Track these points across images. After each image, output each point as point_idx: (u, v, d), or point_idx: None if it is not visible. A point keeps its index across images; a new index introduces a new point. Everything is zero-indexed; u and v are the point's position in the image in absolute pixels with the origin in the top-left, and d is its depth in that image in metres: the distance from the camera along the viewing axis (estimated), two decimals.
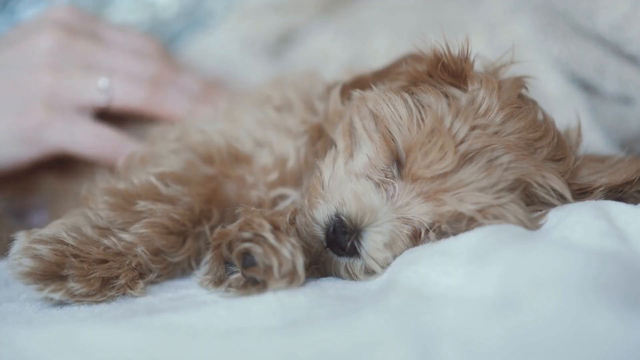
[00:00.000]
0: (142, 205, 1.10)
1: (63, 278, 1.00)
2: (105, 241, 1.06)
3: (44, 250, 0.99)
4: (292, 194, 1.20)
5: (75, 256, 1.01)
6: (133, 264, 1.06)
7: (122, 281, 1.03)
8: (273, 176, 1.20)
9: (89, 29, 1.45)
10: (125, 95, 1.39)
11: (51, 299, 1.00)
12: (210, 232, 1.14)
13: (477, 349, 0.74)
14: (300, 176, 1.20)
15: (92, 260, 1.02)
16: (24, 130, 1.35)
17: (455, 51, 1.07)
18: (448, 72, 1.07)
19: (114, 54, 1.43)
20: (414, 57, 1.15)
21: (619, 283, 0.79)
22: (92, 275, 1.01)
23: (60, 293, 0.99)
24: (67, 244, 1.02)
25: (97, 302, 1.01)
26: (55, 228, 1.05)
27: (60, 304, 1.00)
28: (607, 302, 0.75)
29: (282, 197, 1.20)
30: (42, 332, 0.83)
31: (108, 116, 1.44)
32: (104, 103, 1.38)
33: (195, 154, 1.21)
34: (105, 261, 1.03)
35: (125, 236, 1.07)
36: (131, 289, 1.04)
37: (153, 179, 1.14)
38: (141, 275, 1.08)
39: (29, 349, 0.80)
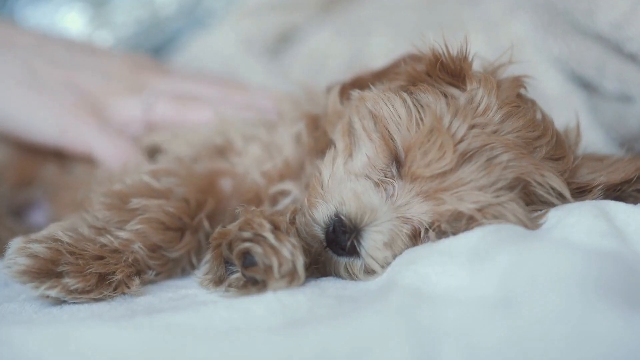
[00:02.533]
0: (135, 202, 1.11)
1: (59, 275, 1.00)
2: (102, 239, 1.07)
3: (38, 248, 1.00)
4: (293, 190, 1.20)
5: (71, 253, 1.01)
6: (130, 260, 1.06)
7: (118, 277, 1.03)
8: (268, 165, 1.20)
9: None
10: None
11: (47, 297, 1.00)
12: (208, 223, 1.15)
13: (478, 349, 0.74)
14: (302, 166, 1.21)
15: (88, 256, 1.02)
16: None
17: (454, 51, 1.07)
18: (447, 72, 1.07)
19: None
20: (413, 57, 1.15)
21: (620, 283, 0.79)
22: (88, 270, 1.01)
23: (56, 290, 0.99)
24: (63, 242, 1.02)
25: (94, 300, 1.01)
26: (52, 229, 1.06)
27: (60, 303, 1.00)
28: (609, 303, 0.75)
29: (283, 193, 1.21)
30: (41, 332, 0.83)
31: None
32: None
33: (185, 155, 1.24)
34: (101, 257, 1.04)
35: (121, 234, 1.08)
36: (127, 286, 1.04)
37: (145, 177, 1.15)
38: (139, 273, 1.08)
39: (28, 348, 0.80)
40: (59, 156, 1.50)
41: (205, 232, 1.16)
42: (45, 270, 0.99)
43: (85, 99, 1.43)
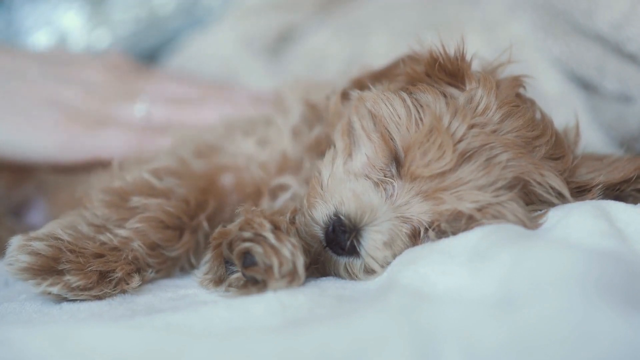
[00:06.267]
0: (135, 201, 1.11)
1: (60, 272, 1.00)
2: (101, 237, 1.07)
3: (39, 245, 1.00)
4: (293, 184, 1.20)
5: (72, 251, 1.02)
6: (129, 258, 1.07)
7: (118, 274, 1.03)
8: (264, 156, 1.21)
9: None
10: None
11: (49, 293, 1.00)
12: (207, 224, 1.15)
13: (478, 349, 0.74)
14: (301, 161, 1.21)
15: (88, 254, 1.03)
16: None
17: (451, 51, 1.07)
18: (445, 72, 1.07)
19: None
20: (412, 58, 1.15)
21: (620, 283, 0.79)
22: (89, 268, 1.01)
23: (58, 287, 0.99)
24: (63, 240, 1.03)
25: (95, 297, 1.01)
26: (51, 226, 1.06)
27: (60, 301, 1.01)
28: (610, 302, 0.75)
29: (282, 187, 1.21)
30: (41, 332, 0.83)
31: None
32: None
33: (186, 152, 1.23)
34: (101, 255, 1.04)
35: (120, 232, 1.08)
36: (127, 283, 1.04)
37: (146, 175, 1.15)
38: (139, 271, 1.08)
39: (28, 348, 0.80)
40: None
41: (205, 232, 1.16)
42: (47, 268, 1.00)
43: (75, 112, 1.41)
